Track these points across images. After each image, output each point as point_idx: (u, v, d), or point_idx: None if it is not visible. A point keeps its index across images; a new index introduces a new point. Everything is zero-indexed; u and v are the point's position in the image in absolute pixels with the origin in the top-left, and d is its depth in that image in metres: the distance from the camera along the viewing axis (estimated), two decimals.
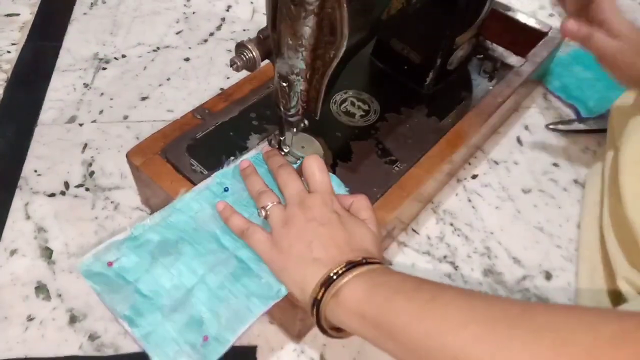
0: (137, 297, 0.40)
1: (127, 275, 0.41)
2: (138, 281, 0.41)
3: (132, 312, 0.39)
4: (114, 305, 0.40)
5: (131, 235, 0.43)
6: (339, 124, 0.56)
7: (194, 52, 0.75)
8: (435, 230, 0.56)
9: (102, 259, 0.41)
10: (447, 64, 0.58)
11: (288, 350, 0.47)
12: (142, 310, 0.40)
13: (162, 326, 0.39)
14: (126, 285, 0.41)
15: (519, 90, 0.62)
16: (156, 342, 0.38)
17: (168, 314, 0.39)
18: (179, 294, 0.40)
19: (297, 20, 0.35)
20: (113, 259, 0.41)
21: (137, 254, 0.42)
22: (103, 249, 0.42)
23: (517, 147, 0.66)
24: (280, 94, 0.42)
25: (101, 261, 0.41)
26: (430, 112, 0.58)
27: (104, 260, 0.41)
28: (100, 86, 0.69)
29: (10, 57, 0.73)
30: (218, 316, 0.40)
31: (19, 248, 0.52)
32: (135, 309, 0.40)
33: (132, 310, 0.39)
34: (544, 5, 0.92)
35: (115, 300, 0.40)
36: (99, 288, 0.40)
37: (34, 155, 0.61)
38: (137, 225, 0.43)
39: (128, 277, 0.41)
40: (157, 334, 0.39)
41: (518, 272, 0.54)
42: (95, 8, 0.82)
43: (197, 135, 0.51)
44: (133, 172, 0.52)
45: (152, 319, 0.39)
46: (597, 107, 0.69)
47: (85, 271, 0.41)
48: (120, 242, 0.42)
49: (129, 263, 0.42)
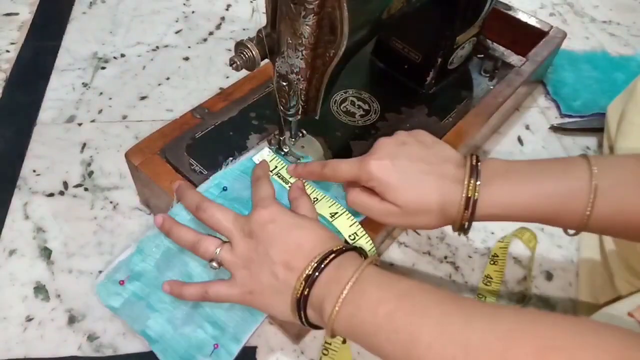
0: (150, 312, 0.42)
1: (139, 291, 0.43)
2: (149, 296, 0.42)
3: (148, 328, 0.41)
4: (132, 323, 0.42)
5: (137, 249, 0.43)
6: (339, 124, 0.55)
7: (193, 52, 0.75)
8: (435, 230, 0.56)
9: (114, 278, 0.43)
10: (448, 63, 0.58)
11: (288, 350, 0.47)
12: (156, 326, 0.41)
13: (175, 340, 0.41)
14: (138, 301, 0.42)
15: (519, 90, 0.62)
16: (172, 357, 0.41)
17: (179, 327, 0.41)
18: (187, 307, 0.42)
19: (297, 19, 0.35)
20: (124, 277, 0.43)
21: (144, 269, 0.43)
22: (113, 269, 0.43)
23: (518, 146, 0.66)
24: (280, 94, 0.42)
25: (113, 281, 0.43)
26: (430, 111, 0.58)
27: (115, 280, 0.43)
28: (99, 86, 0.69)
29: (9, 57, 0.73)
30: (226, 325, 0.41)
31: (17, 248, 0.52)
32: (149, 326, 0.41)
33: (147, 326, 0.41)
34: (545, 5, 0.91)
35: (131, 318, 0.42)
36: (115, 307, 0.42)
37: (32, 155, 0.60)
38: (141, 239, 0.44)
39: (140, 293, 0.43)
40: (172, 348, 0.41)
41: (518, 272, 0.53)
42: (95, 7, 0.82)
43: (196, 135, 0.51)
44: (132, 172, 0.52)
45: (166, 333, 0.41)
46: (583, 108, 0.69)
47: (100, 293, 0.42)
48: (128, 259, 0.43)
49: (139, 279, 0.43)
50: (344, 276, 0.34)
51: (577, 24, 0.88)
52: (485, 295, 0.51)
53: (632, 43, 0.84)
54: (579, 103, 0.70)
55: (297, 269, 0.35)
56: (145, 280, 0.42)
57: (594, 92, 0.71)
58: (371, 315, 0.32)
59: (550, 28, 0.68)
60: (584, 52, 0.79)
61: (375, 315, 0.32)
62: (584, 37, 0.85)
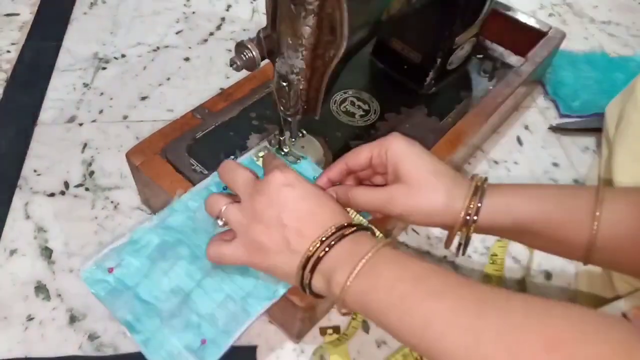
0: (137, 302, 0.41)
1: (127, 280, 0.42)
2: (138, 286, 0.41)
3: (132, 318, 0.40)
4: (115, 311, 0.40)
5: (131, 239, 0.43)
6: (339, 124, 0.56)
7: (193, 52, 0.75)
8: (435, 230, 0.56)
9: (103, 265, 0.42)
10: (447, 63, 0.58)
11: (288, 350, 0.47)
12: (141, 316, 0.40)
13: (161, 332, 0.40)
14: (126, 290, 0.41)
15: (518, 90, 0.62)
16: (155, 348, 0.39)
17: (167, 320, 0.40)
18: (177, 299, 0.41)
19: (297, 20, 0.35)
20: (113, 264, 0.42)
21: (136, 259, 0.42)
22: (103, 255, 0.42)
23: (517, 147, 0.66)
24: (280, 94, 0.42)
25: (102, 268, 0.42)
26: (430, 112, 0.58)
27: (104, 267, 0.42)
28: (100, 86, 0.69)
29: (10, 57, 0.73)
30: (215, 319, 0.40)
31: (18, 248, 0.52)
32: (134, 315, 0.40)
33: (131, 316, 0.40)
34: (544, 5, 0.92)
35: (116, 306, 0.40)
36: (101, 294, 0.41)
37: (33, 155, 0.61)
38: (136, 229, 0.43)
39: (128, 282, 0.41)
40: (156, 339, 0.39)
41: (518, 272, 0.54)
42: (95, 8, 0.82)
43: (197, 135, 0.51)
44: (133, 172, 0.52)
45: (151, 324, 0.40)
46: (582, 108, 0.70)
47: (87, 279, 0.41)
48: (120, 248, 0.42)
49: (129, 268, 0.42)
50: (360, 251, 0.34)
51: (577, 24, 0.88)
52: None
53: (631, 43, 0.84)
54: (578, 103, 0.70)
55: (308, 237, 0.35)
56: (135, 270, 0.42)
57: (593, 92, 0.71)
58: (385, 294, 0.32)
59: (549, 28, 0.68)
60: (583, 53, 0.79)
61: (390, 294, 0.32)
62: (583, 37, 0.85)
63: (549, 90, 0.73)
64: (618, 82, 0.72)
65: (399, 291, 0.32)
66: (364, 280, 0.33)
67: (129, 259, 0.42)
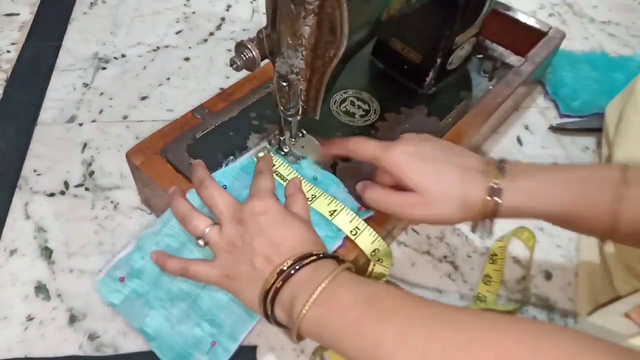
0: (148, 310, 0.42)
1: (138, 288, 0.43)
2: (148, 294, 0.43)
3: (145, 326, 0.42)
4: (130, 320, 0.42)
5: (136, 247, 0.43)
6: (339, 124, 0.56)
7: (193, 52, 0.75)
8: (435, 229, 0.56)
9: (114, 275, 0.43)
10: (447, 63, 0.58)
11: (288, 350, 0.47)
12: (153, 323, 0.42)
13: (172, 338, 0.41)
14: (137, 299, 0.43)
15: (518, 90, 0.62)
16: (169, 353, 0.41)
17: (176, 325, 0.42)
18: (185, 305, 0.42)
19: (297, 20, 0.35)
20: (124, 274, 0.43)
21: (143, 266, 0.43)
22: (113, 266, 0.44)
23: (517, 147, 0.66)
24: (280, 94, 0.42)
25: (114, 278, 0.43)
26: (430, 112, 0.58)
27: (116, 277, 0.43)
28: (100, 86, 0.69)
29: (10, 57, 0.73)
30: (222, 323, 0.41)
31: (18, 248, 0.52)
32: (147, 323, 0.42)
33: (145, 324, 0.42)
34: (544, 5, 0.92)
35: (130, 315, 0.42)
36: (116, 304, 0.43)
37: (33, 155, 0.61)
38: (141, 236, 0.44)
39: (139, 290, 0.43)
40: (169, 345, 0.41)
41: (518, 272, 0.54)
42: (95, 8, 0.82)
43: (197, 135, 0.51)
44: (133, 172, 0.52)
45: (163, 331, 0.41)
46: (582, 108, 0.70)
47: (101, 290, 0.43)
48: (128, 257, 0.43)
49: (138, 276, 0.43)
50: (317, 278, 0.34)
51: (576, 24, 0.88)
52: (485, 294, 0.51)
53: (631, 43, 0.84)
54: (578, 103, 0.70)
55: (274, 264, 0.36)
56: (144, 278, 0.43)
57: (593, 92, 0.71)
58: (339, 318, 0.32)
59: (549, 28, 0.68)
60: (583, 53, 0.79)
61: (343, 318, 0.32)
62: (583, 37, 0.85)
63: (549, 90, 0.73)
64: (618, 82, 0.72)
65: (351, 315, 0.32)
66: (319, 307, 0.33)
67: (137, 267, 0.43)
